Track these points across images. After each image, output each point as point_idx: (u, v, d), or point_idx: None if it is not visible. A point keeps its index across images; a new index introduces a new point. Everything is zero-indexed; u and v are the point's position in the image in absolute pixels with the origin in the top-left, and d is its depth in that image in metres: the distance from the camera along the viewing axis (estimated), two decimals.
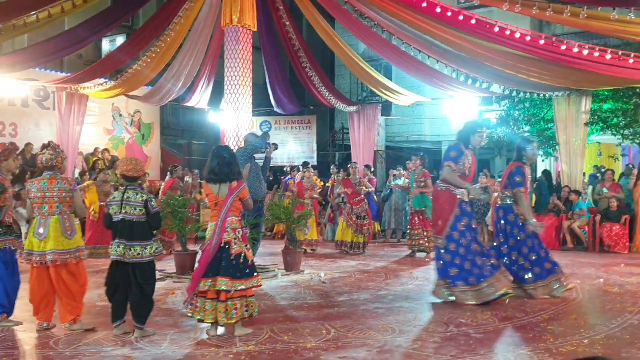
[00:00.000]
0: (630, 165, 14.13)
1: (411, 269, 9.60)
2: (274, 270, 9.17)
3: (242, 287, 5.33)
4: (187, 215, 9.28)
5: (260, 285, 5.86)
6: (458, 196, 6.78)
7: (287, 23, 13.20)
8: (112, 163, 14.46)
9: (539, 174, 15.60)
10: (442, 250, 6.86)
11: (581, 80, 11.83)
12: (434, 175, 11.41)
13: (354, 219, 11.62)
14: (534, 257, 7.04)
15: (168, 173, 12.66)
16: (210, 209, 5.58)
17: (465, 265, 6.68)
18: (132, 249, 5.39)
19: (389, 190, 14.23)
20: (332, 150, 21.62)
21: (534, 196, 12.62)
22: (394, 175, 14.32)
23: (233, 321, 5.33)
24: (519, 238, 7.12)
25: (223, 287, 5.27)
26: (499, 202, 7.33)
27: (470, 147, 6.99)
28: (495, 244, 7.34)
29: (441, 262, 6.89)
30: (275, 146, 9.44)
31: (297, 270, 9.24)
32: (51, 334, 5.54)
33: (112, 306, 5.51)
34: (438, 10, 9.74)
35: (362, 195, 11.73)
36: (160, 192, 12.26)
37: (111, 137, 16.78)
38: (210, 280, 5.32)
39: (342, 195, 11.94)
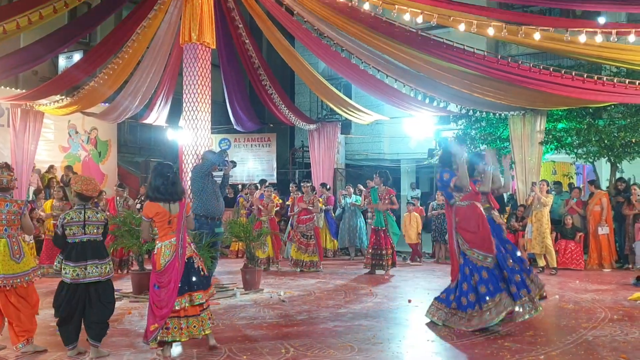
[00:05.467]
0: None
1: (370, 286, 9.60)
2: (233, 289, 9.08)
3: (206, 299, 5.45)
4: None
5: (214, 294, 5.92)
6: (482, 210, 6.72)
7: (247, 41, 13.21)
8: (69, 181, 14.15)
9: None
10: (484, 271, 6.48)
11: (536, 100, 12.09)
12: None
13: (299, 236, 11.71)
14: None
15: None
16: (158, 228, 5.40)
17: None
18: (102, 267, 5.37)
19: (341, 210, 14.40)
20: (292, 168, 21.61)
21: None
22: (344, 195, 14.49)
23: (209, 331, 5.41)
24: None
25: (201, 301, 5.34)
26: None
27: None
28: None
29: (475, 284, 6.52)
30: (234, 164, 9.37)
31: (257, 289, 9.15)
32: (2, 356, 5.36)
33: (67, 329, 5.33)
34: (396, 30, 9.87)
35: (311, 215, 11.84)
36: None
37: (67, 155, 16.46)
38: (185, 297, 5.25)
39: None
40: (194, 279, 5.33)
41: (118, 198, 11.98)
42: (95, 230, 5.41)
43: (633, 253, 11.65)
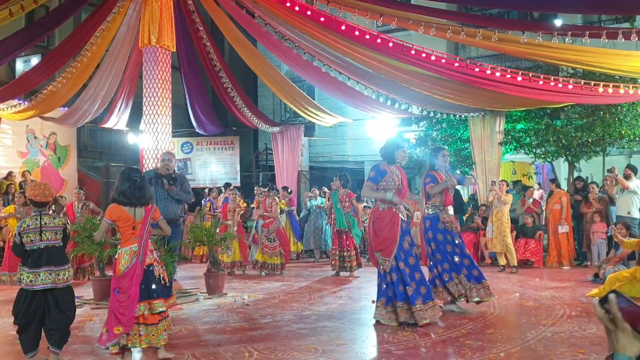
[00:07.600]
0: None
1: (335, 288, 9.63)
2: (196, 294, 9.01)
3: (165, 307, 5.37)
4: (105, 240, 8.95)
5: (175, 304, 5.84)
6: (400, 215, 6.80)
7: (208, 44, 13.12)
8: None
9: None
10: (389, 272, 6.71)
11: (495, 102, 12.27)
12: (358, 195, 11.61)
13: (264, 240, 11.70)
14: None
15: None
16: (122, 234, 5.32)
17: (412, 284, 6.61)
18: (60, 273, 5.23)
19: (307, 212, 14.43)
20: (256, 171, 21.55)
21: None
22: (309, 197, 14.51)
23: (163, 343, 5.29)
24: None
25: (160, 309, 5.25)
26: (426, 214, 7.47)
27: (396, 163, 7.00)
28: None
29: (385, 284, 6.77)
30: (173, 181, 8.26)
31: (220, 293, 9.09)
32: None
33: (26, 337, 5.20)
34: (357, 33, 9.92)
35: (273, 218, 11.80)
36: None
37: (25, 161, 16.12)
38: (143, 304, 5.18)
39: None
40: (153, 286, 5.26)
41: (77, 203, 11.77)
42: (53, 236, 5.29)
43: (591, 251, 11.90)
